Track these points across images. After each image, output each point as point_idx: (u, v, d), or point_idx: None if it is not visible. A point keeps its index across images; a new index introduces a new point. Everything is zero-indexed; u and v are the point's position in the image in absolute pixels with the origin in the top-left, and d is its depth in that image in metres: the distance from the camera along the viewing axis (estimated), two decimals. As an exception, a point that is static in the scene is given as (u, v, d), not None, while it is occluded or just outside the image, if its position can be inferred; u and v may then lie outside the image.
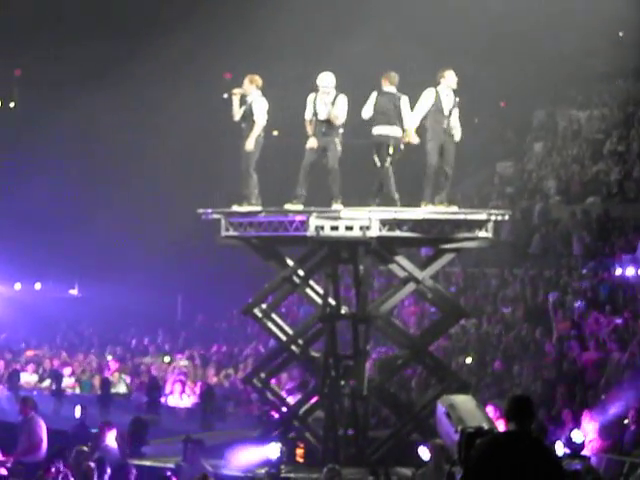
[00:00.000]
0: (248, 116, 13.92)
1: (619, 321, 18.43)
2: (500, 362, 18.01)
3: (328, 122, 13.67)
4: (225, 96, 14.07)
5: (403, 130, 13.62)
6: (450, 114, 13.71)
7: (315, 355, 14.68)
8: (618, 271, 20.40)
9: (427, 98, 13.62)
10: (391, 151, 13.59)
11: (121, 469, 11.62)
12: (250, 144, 13.83)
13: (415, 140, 13.65)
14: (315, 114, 13.75)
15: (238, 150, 14.02)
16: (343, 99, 13.70)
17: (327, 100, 13.67)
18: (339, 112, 13.62)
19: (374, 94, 13.74)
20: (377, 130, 13.67)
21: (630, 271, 20.28)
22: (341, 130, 13.76)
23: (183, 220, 18.55)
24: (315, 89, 13.82)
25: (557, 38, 25.99)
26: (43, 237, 25.87)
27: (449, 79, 13.67)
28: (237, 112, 14.00)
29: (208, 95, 24.20)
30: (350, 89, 13.84)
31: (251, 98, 13.97)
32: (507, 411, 7.24)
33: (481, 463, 7.10)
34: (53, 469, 10.78)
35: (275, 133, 23.88)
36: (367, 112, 13.74)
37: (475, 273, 22.03)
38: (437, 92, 13.67)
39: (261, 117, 13.88)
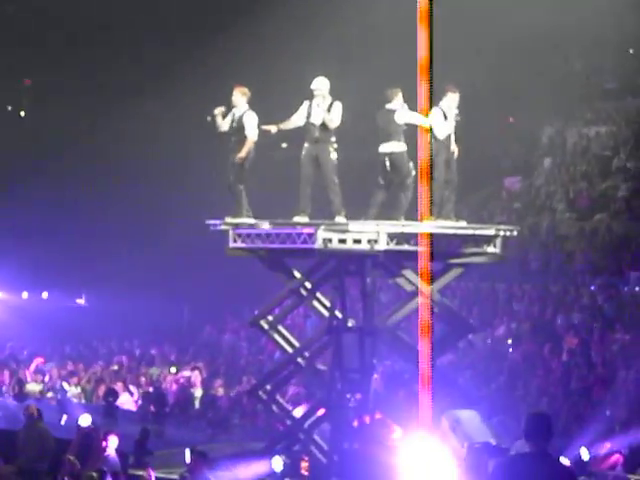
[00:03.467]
0: (238, 130, 13.86)
1: (627, 338, 18.40)
2: (506, 377, 17.98)
3: (322, 127, 13.64)
4: (209, 119, 14.03)
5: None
6: (453, 130, 13.81)
7: (321, 368, 14.66)
8: (626, 288, 20.37)
9: (435, 115, 13.69)
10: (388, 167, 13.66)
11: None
12: (241, 157, 13.77)
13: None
14: (308, 118, 13.72)
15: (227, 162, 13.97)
16: (339, 105, 13.70)
17: (322, 104, 13.68)
18: (334, 116, 13.62)
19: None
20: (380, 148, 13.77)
21: (637, 288, 20.25)
22: (334, 138, 13.72)
23: (190, 230, 18.57)
24: (310, 95, 13.80)
25: (567, 54, 26.03)
26: (50, 246, 25.91)
27: (451, 99, 13.74)
28: (222, 124, 13.95)
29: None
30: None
31: (240, 111, 13.88)
32: (524, 430, 7.08)
33: None
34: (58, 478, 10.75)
35: (284, 145, 23.99)
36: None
37: (483, 288, 22.01)
38: (442, 109, 13.75)
39: (253, 132, 13.83)
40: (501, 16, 23.52)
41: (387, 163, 13.68)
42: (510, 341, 19.57)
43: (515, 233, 14.70)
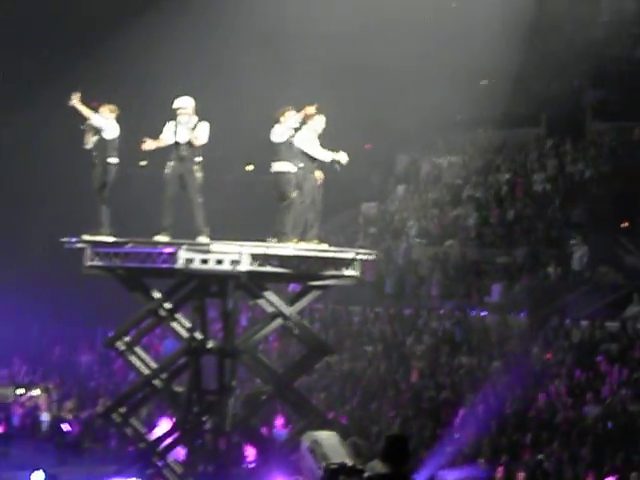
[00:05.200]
0: (100, 144, 13.76)
1: (473, 362, 19.00)
2: (360, 399, 18.25)
3: (188, 145, 13.53)
4: (82, 127, 13.84)
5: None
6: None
7: (178, 390, 14.48)
8: (473, 313, 21.02)
9: (307, 135, 13.77)
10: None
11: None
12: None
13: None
14: (175, 137, 13.58)
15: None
16: (205, 125, 13.63)
17: (187, 123, 13.59)
18: (200, 134, 13.54)
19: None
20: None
21: (485, 313, 20.93)
22: (199, 158, 13.61)
23: (41, 248, 18.04)
24: (174, 115, 13.70)
25: (422, 85, 26.69)
26: None
27: (318, 120, 13.85)
28: (89, 141, 13.83)
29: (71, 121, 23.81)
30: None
31: (105, 126, 13.79)
32: (382, 452, 7.11)
33: None
34: None
35: (142, 163, 23.58)
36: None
37: (339, 310, 22.27)
38: (312, 131, 13.84)
39: (109, 134, 13.69)
40: (360, 43, 23.95)
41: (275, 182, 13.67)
42: (363, 363, 19.87)
43: (372, 257, 14.98)
